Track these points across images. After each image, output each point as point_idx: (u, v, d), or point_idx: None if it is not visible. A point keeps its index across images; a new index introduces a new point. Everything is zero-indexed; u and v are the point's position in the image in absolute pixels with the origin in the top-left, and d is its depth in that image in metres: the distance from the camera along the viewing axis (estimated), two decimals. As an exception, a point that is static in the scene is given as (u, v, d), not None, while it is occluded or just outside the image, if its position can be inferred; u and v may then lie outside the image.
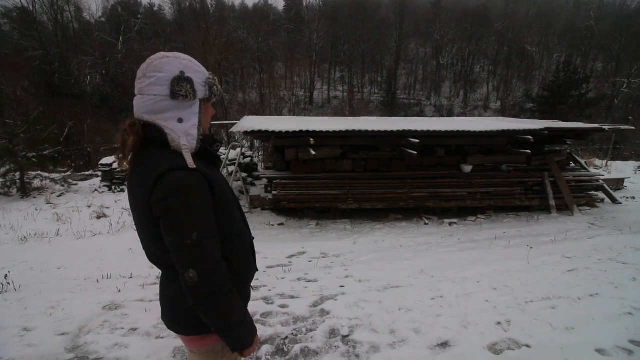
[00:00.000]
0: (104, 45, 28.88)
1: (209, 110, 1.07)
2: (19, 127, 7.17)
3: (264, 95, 29.57)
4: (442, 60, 49.83)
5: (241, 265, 1.10)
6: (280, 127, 6.06)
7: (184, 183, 0.90)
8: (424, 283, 3.30)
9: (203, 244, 0.91)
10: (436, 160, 7.15)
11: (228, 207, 1.05)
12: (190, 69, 0.99)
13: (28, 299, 2.80)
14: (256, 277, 3.48)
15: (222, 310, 0.95)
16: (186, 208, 0.90)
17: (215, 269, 0.93)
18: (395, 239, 5.31)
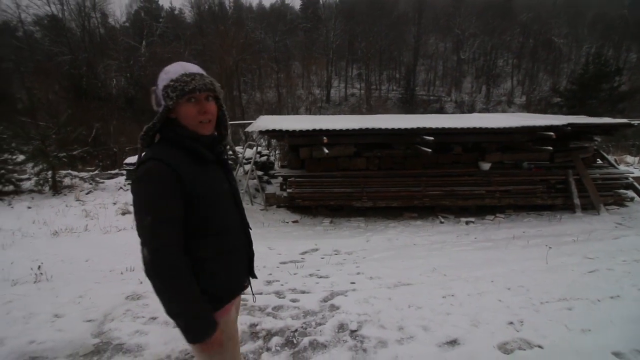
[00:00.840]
0: (128, 49, 30.00)
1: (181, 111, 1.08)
2: (50, 129, 7.62)
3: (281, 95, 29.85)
4: (463, 55, 48.52)
5: (214, 264, 1.12)
6: (294, 126, 6.14)
7: (146, 173, 1.01)
8: (436, 281, 3.28)
9: (155, 228, 0.98)
10: (453, 157, 7.03)
11: (205, 204, 1.09)
12: (160, 80, 1.09)
13: (59, 288, 3.01)
14: (269, 272, 3.60)
15: (164, 293, 1.00)
16: (144, 194, 1.01)
17: (162, 252, 0.98)
18: (409, 237, 5.25)
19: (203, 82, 1.08)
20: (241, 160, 7.36)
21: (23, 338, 2.27)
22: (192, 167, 1.06)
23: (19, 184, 7.19)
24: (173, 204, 1.01)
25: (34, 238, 5.04)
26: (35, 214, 6.14)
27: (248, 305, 2.77)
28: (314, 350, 2.24)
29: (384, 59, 47.90)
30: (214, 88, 1.12)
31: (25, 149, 7.52)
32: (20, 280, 3.23)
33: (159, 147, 1.07)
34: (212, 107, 1.12)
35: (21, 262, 3.72)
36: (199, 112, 1.08)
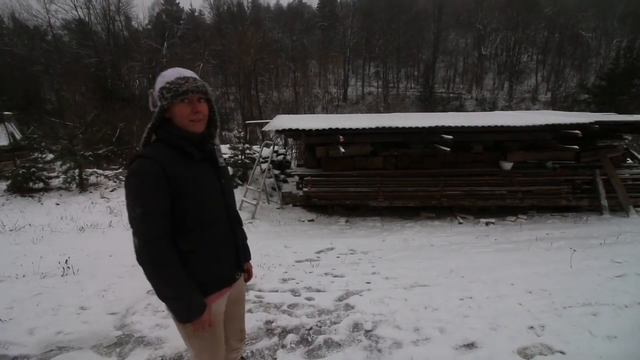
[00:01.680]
0: (150, 50, 30.91)
1: (175, 111, 1.18)
2: (77, 129, 7.97)
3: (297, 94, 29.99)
4: (484, 51, 47.18)
5: (197, 256, 1.20)
6: (311, 125, 6.16)
7: (135, 168, 1.11)
8: (454, 283, 3.22)
9: (143, 219, 1.09)
10: (472, 156, 6.87)
11: (190, 200, 1.17)
12: (157, 83, 1.19)
13: (84, 281, 3.15)
14: (285, 270, 3.64)
15: (154, 280, 1.12)
16: (133, 188, 1.11)
17: (150, 242, 1.09)
18: (426, 237, 5.18)
19: (195, 85, 1.18)
20: (258, 159, 7.46)
21: (51, 328, 2.39)
22: (179, 164, 1.16)
23: (48, 182, 7.56)
24: (160, 198, 1.11)
25: (61, 233, 5.29)
26: (63, 210, 6.44)
27: (264, 303, 2.82)
28: (328, 348, 2.25)
29: (402, 56, 47.21)
30: (206, 90, 1.22)
31: (54, 148, 7.90)
32: (49, 274, 3.40)
33: (151, 146, 1.18)
34: (203, 107, 1.22)
35: (50, 256, 3.91)
36: (191, 111, 1.18)
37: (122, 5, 36.06)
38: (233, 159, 7.74)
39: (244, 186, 7.63)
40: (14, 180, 7.12)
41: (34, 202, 6.92)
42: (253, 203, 6.72)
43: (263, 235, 5.58)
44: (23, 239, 4.87)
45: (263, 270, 3.65)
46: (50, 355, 2.15)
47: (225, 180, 1.34)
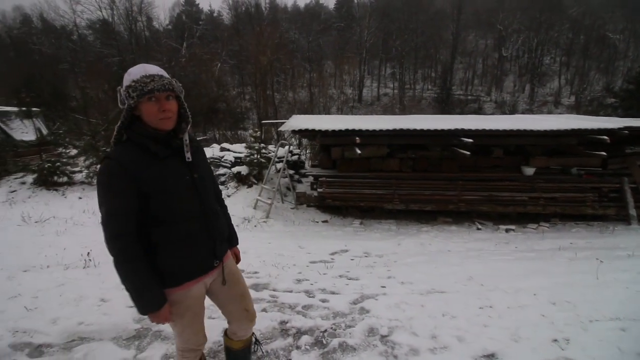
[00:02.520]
0: (170, 50, 31.62)
1: (144, 109, 1.19)
2: (100, 126, 8.22)
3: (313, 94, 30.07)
4: (505, 52, 46.09)
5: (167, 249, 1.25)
6: (327, 125, 6.15)
7: (102, 169, 1.16)
8: (472, 290, 3.14)
9: (108, 218, 1.16)
10: (493, 161, 6.71)
11: (157, 198, 1.21)
12: (124, 81, 1.20)
13: (105, 274, 3.24)
14: (299, 270, 3.63)
15: (119, 272, 1.18)
16: (99, 189, 1.17)
17: (113, 239, 1.16)
18: (443, 242, 5.08)
19: (162, 82, 1.17)
20: (274, 159, 7.51)
21: (74, 319, 2.46)
22: (145, 164, 1.18)
23: (72, 176, 7.82)
24: (123, 198, 1.15)
25: (83, 226, 5.47)
26: (85, 204, 6.66)
27: (278, 303, 2.82)
28: (343, 352, 2.23)
29: (419, 57, 46.64)
30: (173, 88, 1.21)
31: (78, 143, 8.16)
32: (72, 265, 3.51)
33: (120, 146, 1.21)
34: (171, 105, 1.22)
35: (73, 248, 4.04)
36: (158, 109, 1.18)
37: (144, 6, 37.09)
38: (249, 158, 7.81)
39: (259, 185, 7.69)
40: (39, 174, 7.40)
41: (58, 196, 7.18)
42: (268, 202, 6.76)
43: (277, 235, 5.60)
44: (48, 230, 5.05)
45: (277, 270, 3.66)
46: (72, 345, 2.21)
47: (200, 174, 1.35)
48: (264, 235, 5.51)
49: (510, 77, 45.78)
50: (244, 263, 3.82)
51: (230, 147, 9.14)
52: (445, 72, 42.74)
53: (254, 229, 6.01)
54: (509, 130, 5.74)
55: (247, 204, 7.07)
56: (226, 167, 8.25)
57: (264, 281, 3.27)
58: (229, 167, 8.24)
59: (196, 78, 23.94)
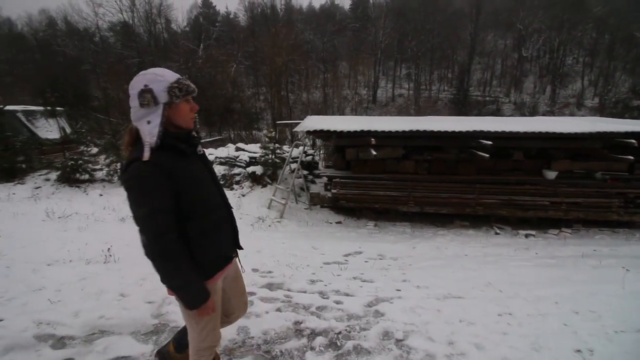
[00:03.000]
0: (188, 52, 32.26)
1: (180, 108, 1.26)
2: (120, 125, 8.46)
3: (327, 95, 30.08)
4: (525, 53, 44.91)
5: (201, 242, 1.31)
6: (342, 126, 6.14)
7: (136, 172, 1.18)
8: (491, 297, 3.07)
9: (148, 219, 1.18)
10: (512, 164, 6.56)
11: (191, 192, 1.27)
12: (153, 81, 1.23)
13: (124, 269, 3.32)
14: (313, 271, 3.63)
15: (163, 272, 1.21)
16: (136, 191, 1.19)
17: (156, 239, 1.18)
18: (459, 246, 5.01)
19: (194, 87, 1.30)
20: (288, 159, 7.54)
21: (94, 312, 2.53)
22: (176, 162, 1.24)
23: (93, 174, 8.08)
24: (162, 196, 1.19)
25: (104, 223, 5.63)
26: (106, 201, 6.86)
27: (293, 303, 2.83)
28: (358, 354, 2.21)
29: (435, 57, 45.97)
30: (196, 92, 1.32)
31: (99, 142, 8.42)
32: (93, 260, 3.62)
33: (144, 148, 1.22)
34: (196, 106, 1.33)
35: (94, 244, 4.16)
36: (191, 110, 1.30)
37: (163, 9, 37.98)
38: (264, 158, 7.87)
39: (273, 185, 7.74)
40: (63, 171, 7.67)
41: (80, 192, 7.42)
42: (282, 202, 6.79)
43: (291, 235, 5.62)
44: (70, 226, 5.22)
45: (291, 270, 3.67)
46: (93, 338, 2.27)
47: (211, 168, 1.47)
48: (277, 235, 5.54)
49: (530, 78, 44.56)
50: (258, 262, 3.85)
51: (245, 147, 9.24)
52: (463, 73, 41.96)
53: (268, 228, 6.05)
54: (530, 132, 5.59)
55: (261, 204, 7.12)
56: (241, 167, 8.34)
57: (278, 281, 3.29)
58: (243, 166, 8.33)
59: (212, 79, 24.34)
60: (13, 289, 2.88)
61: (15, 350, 2.12)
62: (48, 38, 38.09)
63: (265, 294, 2.95)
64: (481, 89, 44.14)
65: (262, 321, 2.51)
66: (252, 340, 2.30)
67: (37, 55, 34.72)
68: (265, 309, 2.67)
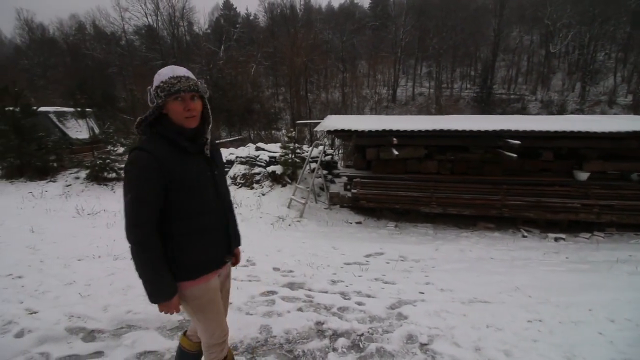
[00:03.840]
0: (209, 53, 32.97)
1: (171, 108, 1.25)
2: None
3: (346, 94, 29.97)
4: (553, 49, 43.12)
5: (184, 243, 1.31)
6: (363, 126, 6.09)
7: (133, 159, 1.21)
8: (519, 302, 2.96)
9: (132, 205, 1.21)
10: (541, 164, 6.32)
11: (184, 191, 1.27)
12: (154, 82, 1.26)
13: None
14: (334, 271, 3.62)
15: (135, 260, 1.24)
16: (128, 176, 1.22)
17: (134, 227, 1.21)
18: (484, 249, 4.89)
19: (187, 84, 1.25)
20: (308, 159, 7.56)
21: (122, 307, 2.61)
22: (173, 157, 1.25)
23: (120, 172, 8.38)
24: (150, 188, 1.20)
25: (130, 220, 5.82)
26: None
27: (314, 303, 2.82)
28: (380, 357, 2.18)
29: (457, 55, 44.90)
30: (198, 89, 1.28)
31: (125, 142, 8.73)
32: (120, 256, 3.74)
33: (150, 139, 1.27)
34: (196, 105, 1.29)
35: (121, 241, 4.29)
36: (184, 109, 1.26)
37: (185, 12, 38.99)
38: (283, 158, 7.92)
39: (293, 185, 7.77)
40: (92, 170, 8.00)
41: (107, 190, 7.72)
42: (302, 202, 6.82)
43: (310, 235, 5.64)
44: (99, 222, 5.43)
45: (312, 269, 3.67)
46: (121, 332, 2.34)
47: (218, 171, 1.45)
48: (298, 235, 5.57)
49: (558, 75, 42.76)
50: (279, 261, 3.87)
51: (265, 147, 9.33)
52: (486, 70, 40.81)
53: (288, 228, 6.09)
54: (561, 131, 5.35)
55: (281, 203, 7.18)
56: (261, 167, 8.43)
57: (299, 280, 3.30)
58: (263, 166, 8.41)
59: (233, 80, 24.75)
60: (46, 283, 3.01)
61: (48, 342, 2.21)
62: (77, 42, 39.90)
63: (286, 293, 2.96)
64: (505, 87, 42.79)
65: (284, 320, 2.51)
66: (274, 339, 2.30)
67: (68, 59, 36.41)
68: (287, 308, 2.68)
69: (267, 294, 2.91)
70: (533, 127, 5.48)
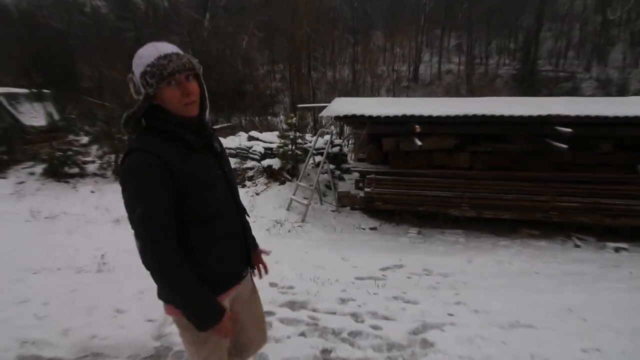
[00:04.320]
0: (191, 23, 33.04)
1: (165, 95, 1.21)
2: (115, 110, 8.78)
3: (357, 72, 29.91)
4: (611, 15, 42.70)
5: (203, 254, 1.31)
6: (378, 110, 6.12)
7: (133, 163, 1.18)
8: (571, 327, 2.97)
9: (144, 221, 1.17)
10: (598, 157, 6.33)
11: (195, 193, 1.26)
12: (135, 66, 1.20)
13: (120, 280, 3.44)
14: (343, 288, 3.62)
15: (164, 286, 1.24)
16: (132, 186, 1.18)
17: (154, 245, 1.17)
18: (528, 261, 4.94)
19: (181, 62, 1.19)
20: (311, 151, 7.56)
21: (86, 331, 2.63)
22: (180, 156, 1.23)
23: (84, 167, 8.45)
24: (162, 196, 1.18)
25: (96, 225, 5.88)
26: (98, 199, 7.17)
27: (320, 326, 2.82)
28: (402, 395, 2.16)
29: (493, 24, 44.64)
30: (193, 66, 1.23)
31: (91, 130, 8.78)
32: (84, 269, 3.78)
33: (145, 137, 1.23)
34: (194, 87, 1.26)
35: (85, 250, 4.35)
36: (182, 94, 1.22)
37: (163, -28, 39.06)
38: (282, 150, 7.93)
39: (293, 182, 7.78)
40: (49, 164, 8.06)
41: (68, 189, 7.79)
42: (304, 203, 6.84)
43: (315, 243, 5.70)
44: (58, 228, 5.49)
45: (317, 285, 3.68)
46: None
47: (228, 168, 1.45)
48: (299, 243, 5.64)
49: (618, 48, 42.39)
50: (277, 275, 3.87)
51: (260, 136, 9.34)
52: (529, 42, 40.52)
53: (288, 234, 6.13)
54: (622, 117, 5.33)
55: (279, 204, 7.21)
56: (255, 160, 8.45)
57: (301, 299, 3.31)
58: (258, 159, 8.43)
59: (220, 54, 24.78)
60: (-6, 301, 3.04)
61: (-5, 374, 2.23)
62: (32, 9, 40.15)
63: (286, 314, 2.97)
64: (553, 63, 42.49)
65: (282, 348, 2.51)
66: (271, 372, 2.30)
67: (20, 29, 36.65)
68: (287, 333, 2.68)
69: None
70: (588, 112, 5.48)
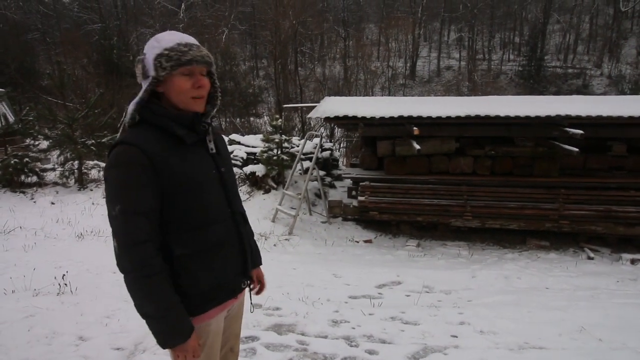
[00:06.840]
0: (165, 14, 33.06)
1: (174, 83, 1.26)
2: (78, 111, 8.69)
3: (349, 69, 30.16)
4: (624, 7, 43.85)
5: (189, 264, 1.29)
6: (373, 111, 6.16)
7: (117, 158, 1.21)
8: (586, 348, 3.02)
9: (124, 219, 1.19)
10: (611, 161, 6.46)
11: (185, 194, 1.28)
12: (149, 48, 1.28)
13: (84, 303, 3.38)
14: (335, 308, 3.62)
15: (135, 292, 1.21)
16: (114, 182, 1.21)
17: (132, 247, 1.18)
18: (537, 275, 5.01)
19: (201, 54, 1.27)
20: (299, 156, 7.57)
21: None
22: (170, 152, 1.25)
23: (43, 175, 8.33)
24: (146, 194, 1.20)
25: (57, 240, 5.77)
26: (60, 211, 7.05)
27: (309, 352, 2.81)
28: None
29: (497, 16, 45.52)
30: (211, 62, 1.32)
31: (51, 133, 8.66)
32: (43, 291, 3.69)
33: (136, 130, 1.27)
34: (207, 82, 1.32)
35: (43, 269, 4.25)
36: (193, 85, 1.27)
37: (133, -42, 39.01)
38: (266, 154, 7.92)
39: (279, 190, 7.77)
40: (4, 172, 7.92)
41: (25, 200, 7.66)
42: (291, 214, 6.83)
43: (304, 258, 5.69)
44: (13, 244, 5.37)
45: (306, 306, 3.67)
46: (43, 397, 2.29)
47: (226, 168, 1.46)
48: (286, 258, 5.62)
49: (631, 42, 43.48)
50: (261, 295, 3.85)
51: (242, 140, 9.33)
52: (535, 37, 41.29)
53: (273, 248, 6.11)
54: (637, 117, 5.46)
55: (263, 215, 7.20)
56: (236, 166, 8.42)
57: (288, 321, 3.30)
58: (239, 165, 8.41)
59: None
60: (-62, 328, 2.96)
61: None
62: (-14, -1, 39.71)
63: (271, 339, 2.95)
64: (561, 58, 43.35)
65: (268, 377, 2.49)
66: (255, 404, 2.28)
67: (-28, 21, 36.17)
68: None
69: (246, 341, 2.89)
70: (599, 112, 5.58)
